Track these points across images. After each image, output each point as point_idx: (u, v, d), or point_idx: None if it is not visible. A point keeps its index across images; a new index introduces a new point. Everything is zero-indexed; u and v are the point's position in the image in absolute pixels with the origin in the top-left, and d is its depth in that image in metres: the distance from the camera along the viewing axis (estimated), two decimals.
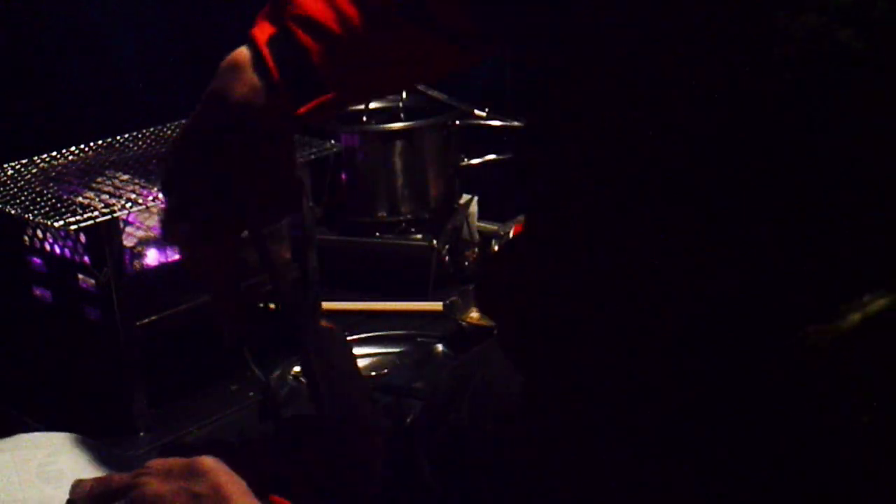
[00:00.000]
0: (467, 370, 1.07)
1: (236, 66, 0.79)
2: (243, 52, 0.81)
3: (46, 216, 1.21)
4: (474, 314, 1.51)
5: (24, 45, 1.78)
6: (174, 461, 0.77)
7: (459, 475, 0.98)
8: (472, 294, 1.36)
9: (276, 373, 1.38)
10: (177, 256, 1.36)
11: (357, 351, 1.44)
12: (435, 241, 1.64)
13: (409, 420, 1.22)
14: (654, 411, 0.49)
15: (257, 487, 0.75)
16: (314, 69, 0.78)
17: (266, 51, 0.78)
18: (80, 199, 1.27)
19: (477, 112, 1.74)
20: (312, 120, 0.81)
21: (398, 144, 1.68)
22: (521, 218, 1.75)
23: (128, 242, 1.32)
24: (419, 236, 1.66)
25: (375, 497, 0.97)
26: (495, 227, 1.78)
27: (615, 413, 0.50)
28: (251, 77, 0.78)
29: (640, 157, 0.47)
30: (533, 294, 0.53)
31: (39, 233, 1.31)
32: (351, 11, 0.78)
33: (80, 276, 1.27)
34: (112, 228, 1.23)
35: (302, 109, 0.78)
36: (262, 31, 0.80)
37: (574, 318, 0.51)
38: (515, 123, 1.75)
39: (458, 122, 1.72)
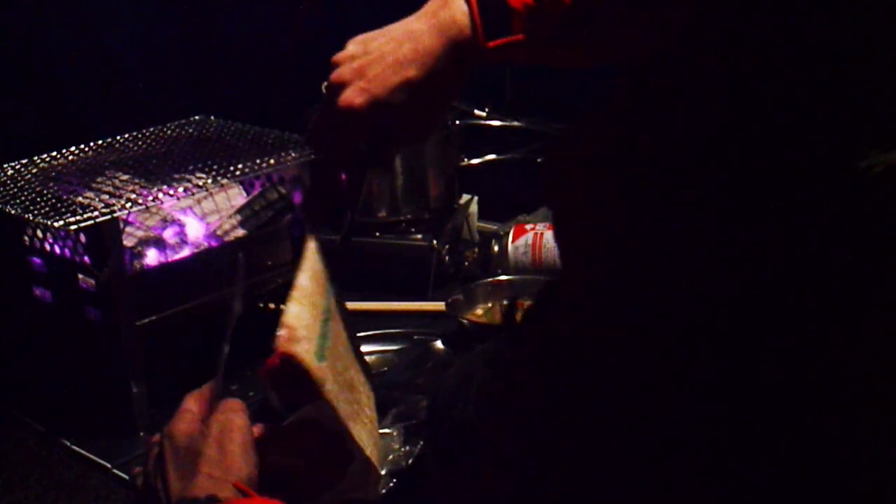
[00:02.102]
0: (472, 367, 1.08)
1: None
2: None
3: (46, 216, 1.21)
4: (477, 312, 1.52)
5: (24, 45, 1.78)
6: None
7: (464, 471, 0.98)
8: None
9: None
10: (177, 256, 1.36)
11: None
12: (435, 241, 1.64)
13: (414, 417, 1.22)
14: (654, 411, 0.49)
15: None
16: (509, 10, 0.88)
17: None
18: (80, 199, 1.27)
19: (477, 112, 1.74)
20: (499, 57, 0.90)
21: None
22: (521, 218, 1.75)
23: (128, 242, 1.32)
24: (419, 236, 1.66)
25: (382, 494, 0.97)
26: (495, 227, 1.78)
27: (616, 412, 0.50)
28: (457, 4, 0.89)
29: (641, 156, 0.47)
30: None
31: (39, 233, 1.31)
32: None
33: (80, 276, 1.27)
34: (112, 228, 1.23)
35: (491, 43, 0.88)
36: None
37: (578, 316, 0.52)
38: (515, 123, 1.75)
39: (458, 122, 1.72)
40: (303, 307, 0.90)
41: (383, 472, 1.09)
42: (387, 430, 1.10)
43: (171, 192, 1.29)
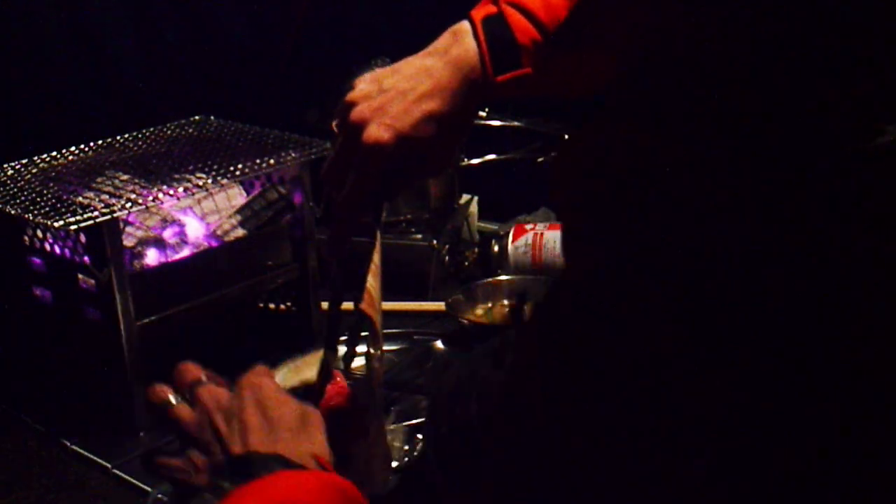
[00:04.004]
0: (474, 366, 1.08)
1: (458, 33, 0.93)
2: (464, 24, 0.94)
3: (46, 216, 1.21)
4: (477, 312, 1.52)
5: (24, 45, 1.78)
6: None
7: (465, 470, 0.99)
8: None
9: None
10: (177, 256, 1.36)
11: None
12: (435, 241, 1.64)
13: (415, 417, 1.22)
14: (656, 412, 0.49)
15: None
16: (516, 46, 0.91)
17: (479, 26, 0.92)
18: (80, 199, 1.27)
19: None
20: (509, 91, 0.93)
21: None
22: (521, 218, 1.75)
23: (128, 242, 1.32)
24: (419, 236, 1.66)
25: (385, 491, 0.97)
26: (495, 227, 1.78)
27: (618, 412, 0.50)
28: (467, 42, 0.92)
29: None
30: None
31: (39, 233, 1.31)
32: (559, 2, 0.91)
33: (80, 276, 1.27)
34: (112, 228, 1.23)
35: (500, 77, 0.90)
36: (480, 11, 0.93)
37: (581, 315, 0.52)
38: (515, 123, 1.75)
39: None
40: (375, 282, 0.93)
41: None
42: (389, 428, 1.10)
43: (171, 192, 1.29)
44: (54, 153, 1.47)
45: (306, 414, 0.76)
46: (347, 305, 0.97)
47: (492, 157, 1.76)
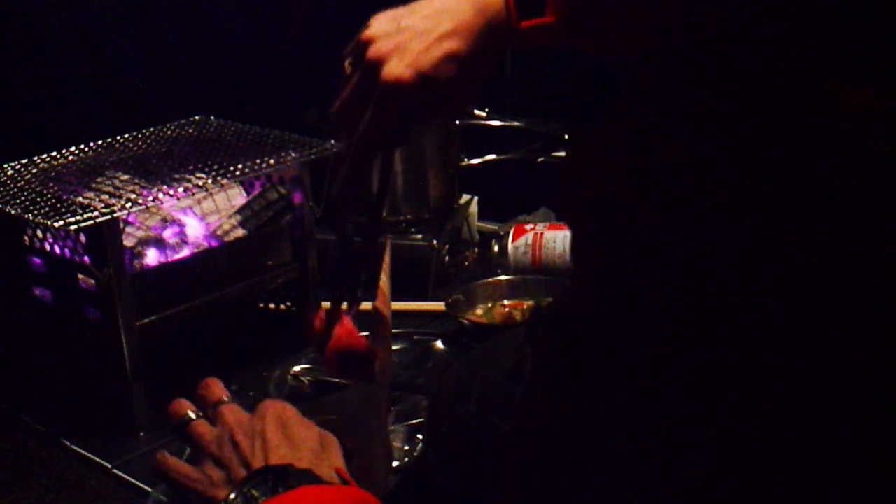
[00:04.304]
0: (474, 366, 1.08)
1: None
2: None
3: (46, 216, 1.21)
4: (477, 312, 1.52)
5: (24, 45, 1.78)
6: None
7: (466, 468, 0.99)
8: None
9: (277, 372, 1.38)
10: (177, 256, 1.36)
11: None
12: (435, 241, 1.64)
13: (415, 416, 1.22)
14: (656, 412, 0.49)
15: None
16: None
17: None
18: (80, 199, 1.27)
19: (477, 112, 1.74)
20: (532, 39, 0.92)
21: None
22: (521, 218, 1.75)
23: (128, 242, 1.32)
24: (419, 236, 1.66)
25: (385, 491, 0.97)
26: (495, 227, 1.78)
27: (618, 412, 0.50)
28: None
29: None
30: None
31: (39, 233, 1.31)
32: None
33: (80, 276, 1.27)
34: (112, 228, 1.23)
35: (524, 24, 0.90)
36: None
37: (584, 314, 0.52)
38: (515, 123, 1.75)
39: (458, 122, 1.72)
40: (387, 280, 0.94)
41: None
42: (389, 428, 1.10)
43: (171, 192, 1.29)
44: (54, 153, 1.47)
45: (325, 436, 0.76)
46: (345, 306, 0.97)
47: (492, 157, 1.76)
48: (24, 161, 1.44)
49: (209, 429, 0.75)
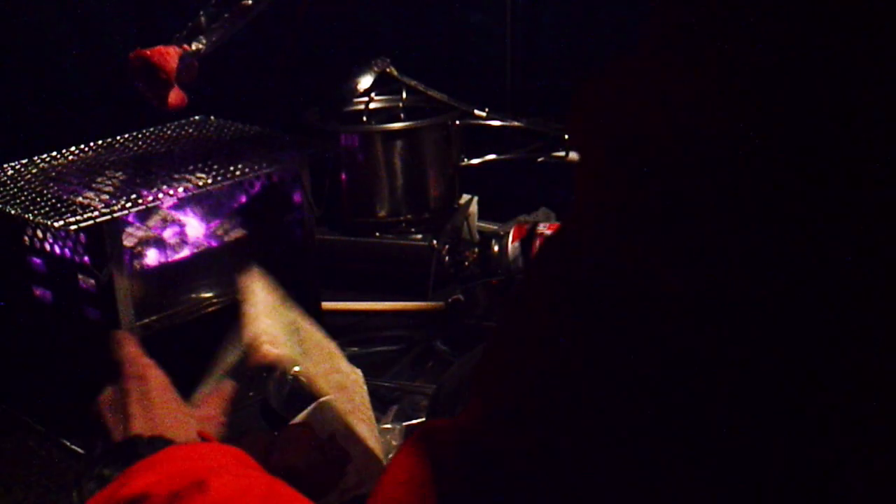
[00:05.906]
0: (474, 366, 1.08)
1: None
2: None
3: (46, 216, 1.21)
4: (477, 312, 1.52)
5: (24, 44, 1.78)
6: None
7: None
8: None
9: (277, 372, 1.38)
10: (177, 256, 1.36)
11: (356, 350, 1.44)
12: (435, 241, 1.64)
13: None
14: (656, 412, 0.49)
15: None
16: None
17: None
18: (80, 199, 1.27)
19: (477, 112, 1.74)
20: None
21: (398, 144, 1.68)
22: (521, 218, 1.75)
23: (128, 242, 1.32)
24: (419, 236, 1.66)
25: None
26: (495, 227, 1.78)
27: (618, 412, 0.50)
28: None
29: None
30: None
31: (39, 233, 1.31)
32: None
33: (80, 276, 1.27)
34: (112, 228, 1.23)
35: None
36: None
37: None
38: (515, 123, 1.75)
39: (458, 122, 1.72)
40: (272, 322, 0.95)
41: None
42: (388, 426, 1.10)
43: (171, 192, 1.29)
44: (54, 153, 1.47)
45: (188, 405, 0.82)
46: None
47: (492, 157, 1.76)
48: (24, 161, 1.44)
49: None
